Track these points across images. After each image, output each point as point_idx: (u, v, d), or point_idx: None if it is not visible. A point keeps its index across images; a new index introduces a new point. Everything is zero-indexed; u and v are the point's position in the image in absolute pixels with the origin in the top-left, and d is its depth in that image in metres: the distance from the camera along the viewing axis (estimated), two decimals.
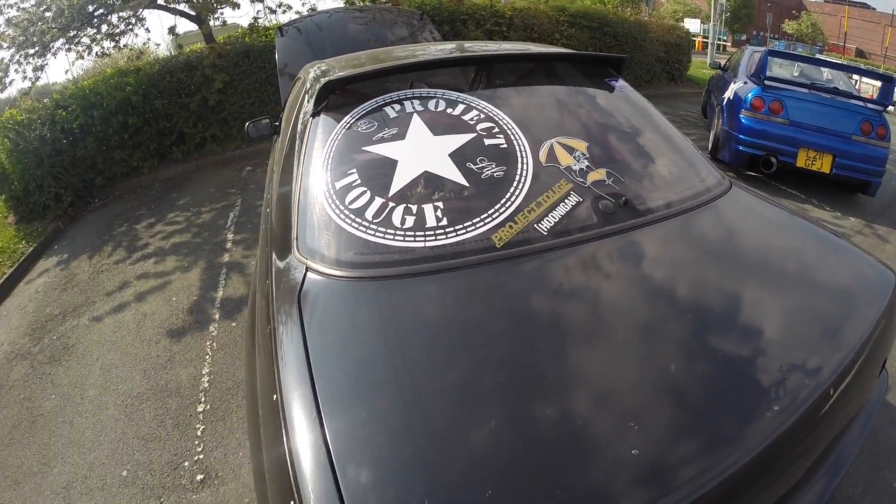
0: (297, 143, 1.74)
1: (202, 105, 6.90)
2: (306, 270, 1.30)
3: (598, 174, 1.60)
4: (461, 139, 1.62)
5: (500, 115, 1.72)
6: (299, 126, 1.81)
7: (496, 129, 1.66)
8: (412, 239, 1.34)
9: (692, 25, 28.77)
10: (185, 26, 8.29)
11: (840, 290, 1.44)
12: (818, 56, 12.19)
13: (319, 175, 1.53)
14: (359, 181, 1.48)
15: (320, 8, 7.32)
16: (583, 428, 0.93)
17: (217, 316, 3.43)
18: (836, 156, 5.16)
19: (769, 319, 1.24)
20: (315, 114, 1.74)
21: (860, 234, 4.70)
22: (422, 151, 1.57)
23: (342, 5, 7.81)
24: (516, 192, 1.48)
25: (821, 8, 53.65)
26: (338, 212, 1.41)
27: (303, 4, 10.06)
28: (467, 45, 2.80)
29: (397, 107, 1.71)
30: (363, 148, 1.58)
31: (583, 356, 1.12)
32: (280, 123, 3.45)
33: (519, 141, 1.63)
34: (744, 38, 49.82)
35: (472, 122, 1.68)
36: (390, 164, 1.52)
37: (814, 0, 55.31)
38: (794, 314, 1.30)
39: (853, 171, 5.20)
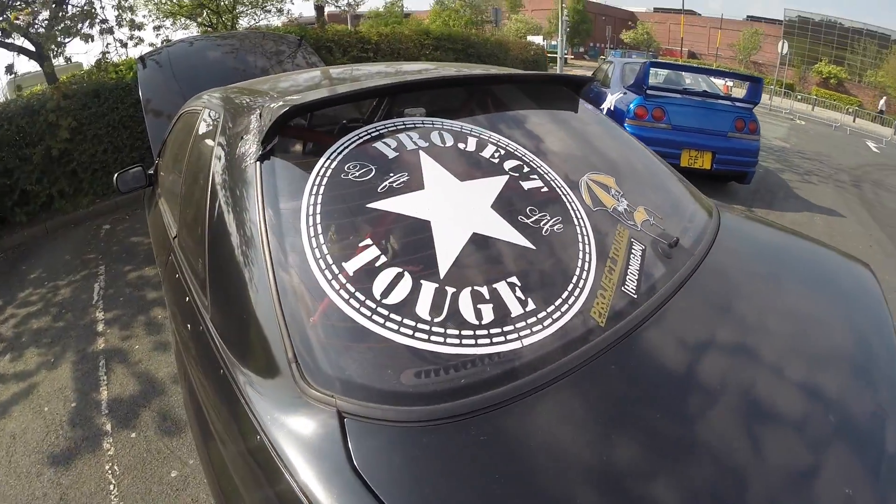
0: (228, 201, 1.27)
1: (46, 156, 5.92)
2: (341, 417, 0.84)
3: (641, 213, 1.39)
4: (496, 184, 1.26)
5: (519, 149, 1.40)
6: (223, 176, 1.36)
7: (526, 169, 1.34)
8: (502, 338, 0.95)
9: (535, 41, 30.94)
10: (25, 67, 7.23)
11: (852, 305, 1.47)
12: (688, 65, 13.54)
13: (308, 251, 1.04)
14: (384, 258, 1.04)
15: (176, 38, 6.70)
16: None
17: (109, 426, 2.62)
18: (715, 153, 5.73)
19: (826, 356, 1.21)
20: (264, 157, 1.23)
21: (783, 227, 5.16)
22: (456, 205, 1.19)
23: (199, 34, 7.21)
24: (587, 250, 1.19)
25: (651, 17, 60.16)
26: (369, 311, 0.95)
27: (157, 36, 9.31)
28: (412, 66, 2.26)
29: (392, 142, 1.29)
30: (370, 205, 1.14)
31: (755, 423, 0.96)
32: (156, 172, 2.93)
33: (555, 182, 1.34)
34: (582, 50, 54.28)
35: (496, 161, 1.33)
36: (422, 228, 1.11)
37: (643, 11, 61.76)
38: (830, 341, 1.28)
39: (731, 165, 5.82)
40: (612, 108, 6.27)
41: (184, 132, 2.18)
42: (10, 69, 6.60)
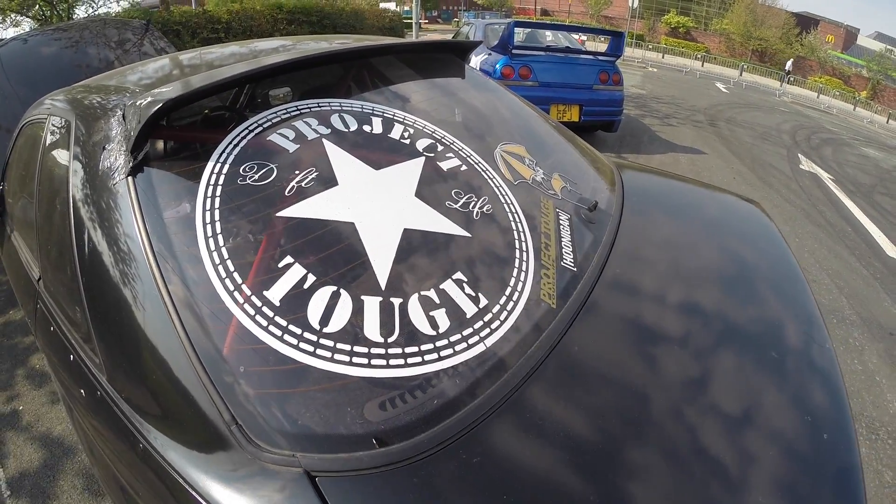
0: (98, 230, 0.98)
1: None
2: (311, 479, 0.67)
3: (558, 181, 1.33)
4: (414, 168, 1.12)
5: (429, 126, 1.26)
6: (86, 198, 1.05)
7: (440, 147, 1.20)
8: (464, 345, 0.85)
9: (389, 7, 30.86)
10: None
11: (757, 244, 1.54)
12: (554, 23, 13.77)
13: (216, 284, 0.82)
14: (312, 277, 0.85)
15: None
16: None
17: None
18: (582, 105, 5.83)
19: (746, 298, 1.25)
20: (136, 169, 0.96)
21: (675, 174, 5.40)
22: (377, 199, 1.02)
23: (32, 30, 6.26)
24: (521, 228, 1.10)
25: None
26: (311, 346, 0.78)
27: None
28: (271, 42, 1.89)
29: (290, 133, 1.07)
30: (280, 213, 0.93)
31: (713, 363, 1.00)
32: (3, 198, 2.29)
33: (472, 158, 1.22)
34: (435, 13, 54.70)
35: (407, 142, 1.18)
36: (346, 232, 0.94)
37: None
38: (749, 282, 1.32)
39: (598, 116, 5.96)
40: (476, 69, 6.17)
41: (29, 147, 1.76)
42: None
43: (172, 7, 9.40)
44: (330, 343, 0.79)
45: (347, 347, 0.79)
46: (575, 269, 1.08)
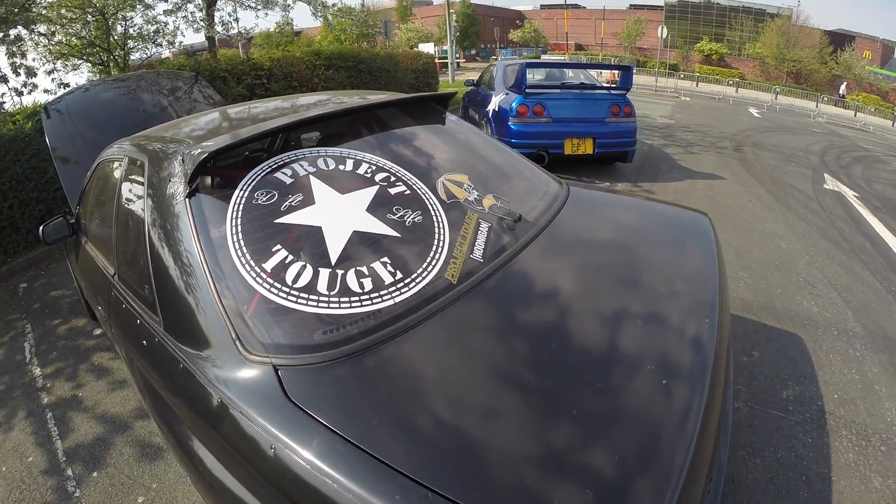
0: (166, 232, 1.57)
1: None
2: (275, 369, 1.19)
3: (489, 199, 1.80)
4: (368, 193, 1.64)
5: (388, 164, 1.78)
6: (157, 213, 1.64)
7: (393, 178, 1.72)
8: (379, 300, 1.34)
9: (427, 49, 31.55)
10: None
11: (684, 246, 1.89)
12: (564, 60, 14.11)
13: (235, 260, 1.39)
14: (291, 257, 1.40)
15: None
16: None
17: (70, 472, 2.62)
18: (595, 138, 6.09)
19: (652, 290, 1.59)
20: (190, 194, 1.55)
21: (632, 194, 5.55)
22: (339, 212, 1.55)
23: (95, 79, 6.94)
24: (442, 232, 1.58)
25: (538, 15, 62.28)
26: (285, 294, 1.32)
27: (52, 81, 8.93)
28: (305, 98, 2.61)
29: (288, 171, 1.65)
30: (276, 221, 1.49)
31: (582, 337, 1.36)
32: (78, 220, 2.99)
33: (417, 186, 1.72)
34: (473, 52, 55.70)
35: (368, 176, 1.71)
36: (315, 232, 1.49)
37: (530, 9, 63.80)
38: (665, 279, 1.65)
39: (612, 147, 6.21)
40: (496, 109, 6.54)
41: (106, 180, 2.42)
42: None
43: (220, 55, 10.05)
44: (296, 293, 1.32)
45: (306, 296, 1.31)
46: (481, 261, 1.54)
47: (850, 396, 2.57)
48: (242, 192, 1.54)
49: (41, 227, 2.94)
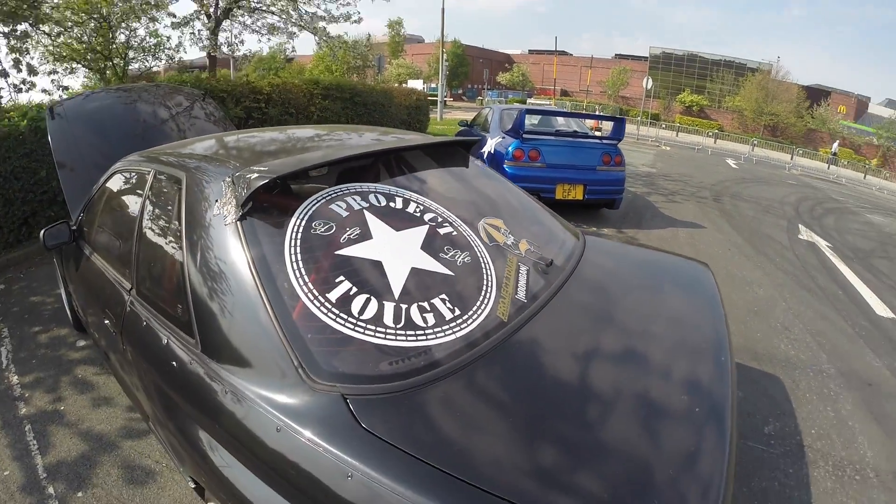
0: (211, 253, 1.54)
1: None
2: (344, 398, 1.20)
3: (524, 244, 1.93)
4: (420, 232, 1.72)
5: (433, 204, 1.87)
6: (199, 232, 1.61)
7: (440, 219, 1.81)
8: (442, 334, 1.40)
9: (416, 85, 31.99)
10: None
11: (693, 292, 2.10)
12: (562, 110, 14.54)
13: (297, 288, 1.40)
14: (355, 288, 1.44)
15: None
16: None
17: (52, 491, 2.39)
18: (586, 185, 6.38)
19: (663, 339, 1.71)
20: (242, 217, 1.52)
21: (616, 238, 5.83)
22: (396, 248, 1.62)
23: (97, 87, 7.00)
24: (489, 273, 1.69)
25: (526, 59, 63.87)
26: (352, 324, 1.35)
27: (52, 82, 8.95)
28: (343, 130, 2.62)
29: (343, 203, 1.68)
30: (337, 252, 1.53)
31: (629, 370, 1.50)
32: (81, 228, 2.92)
33: (461, 227, 1.82)
34: (460, 91, 56.72)
35: (418, 215, 1.79)
36: (376, 266, 1.54)
37: (519, 53, 65.38)
38: (676, 328, 1.79)
39: (601, 194, 6.51)
40: (492, 152, 6.79)
41: (124, 192, 2.41)
42: None
43: (219, 75, 10.08)
44: (363, 324, 1.36)
45: (373, 327, 1.36)
46: (525, 301, 1.65)
47: (826, 431, 2.78)
48: (299, 220, 1.56)
49: (42, 231, 2.84)
